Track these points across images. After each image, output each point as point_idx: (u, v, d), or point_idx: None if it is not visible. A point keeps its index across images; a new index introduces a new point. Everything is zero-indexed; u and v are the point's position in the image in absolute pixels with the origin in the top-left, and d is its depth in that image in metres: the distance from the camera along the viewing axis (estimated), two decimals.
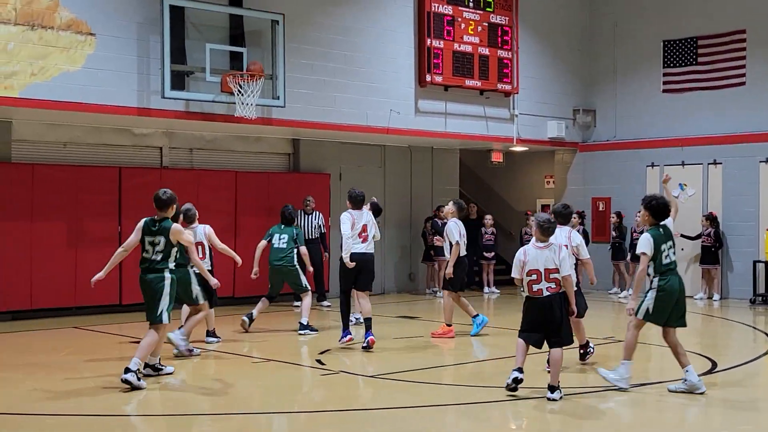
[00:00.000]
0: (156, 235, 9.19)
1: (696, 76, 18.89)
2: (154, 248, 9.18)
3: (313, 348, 11.80)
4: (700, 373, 9.96)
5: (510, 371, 8.75)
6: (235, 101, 14.11)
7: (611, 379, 9.06)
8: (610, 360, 11.18)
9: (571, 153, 20.74)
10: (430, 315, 15.71)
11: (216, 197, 16.06)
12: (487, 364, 10.93)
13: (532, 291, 8.58)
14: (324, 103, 15.88)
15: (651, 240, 8.82)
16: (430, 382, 9.56)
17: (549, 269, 8.53)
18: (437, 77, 17.43)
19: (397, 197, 19.30)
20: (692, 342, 12.35)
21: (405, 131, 17.28)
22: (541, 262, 8.54)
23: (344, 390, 9.38)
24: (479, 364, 10.79)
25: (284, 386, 9.46)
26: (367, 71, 16.56)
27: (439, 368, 10.45)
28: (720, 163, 18.45)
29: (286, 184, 17.13)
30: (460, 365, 10.58)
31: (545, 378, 9.00)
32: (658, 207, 8.98)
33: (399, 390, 9.28)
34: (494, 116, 18.75)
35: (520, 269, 8.61)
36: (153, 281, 9.13)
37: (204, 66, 13.93)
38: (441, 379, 9.93)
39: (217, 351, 11.56)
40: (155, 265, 9.17)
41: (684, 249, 18.62)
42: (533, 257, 8.58)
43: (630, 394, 8.97)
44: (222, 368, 10.59)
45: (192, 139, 16.50)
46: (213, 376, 10.11)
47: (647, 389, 9.24)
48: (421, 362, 10.74)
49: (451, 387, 9.47)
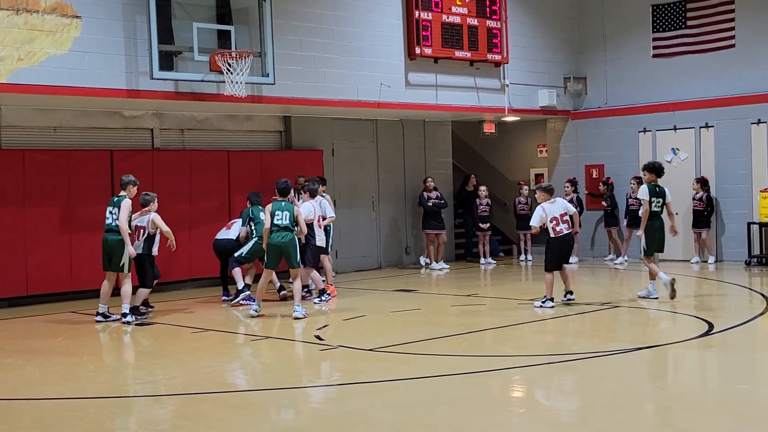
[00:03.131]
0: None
1: (685, 39, 18.84)
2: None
3: (310, 324, 11.82)
4: (697, 335, 10.03)
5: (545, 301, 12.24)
6: (225, 80, 14.04)
7: (646, 293, 12.66)
8: (610, 325, 11.25)
9: (563, 121, 20.71)
10: (427, 287, 15.74)
11: (208, 177, 16.03)
12: (486, 335, 10.97)
13: (556, 232, 12.30)
14: (314, 79, 15.83)
15: (647, 189, 12.64)
16: (427, 353, 9.59)
17: (562, 215, 12.32)
18: (426, 49, 17.36)
19: (390, 171, 19.28)
20: (688, 305, 12.44)
21: (396, 105, 17.25)
22: (556, 211, 12.32)
23: (345, 363, 9.41)
24: (478, 335, 10.83)
25: (284, 362, 9.47)
26: (355, 45, 16.49)
27: (437, 339, 10.48)
28: (712, 126, 18.44)
29: (279, 162, 17.09)
30: (458, 335, 10.61)
31: (542, 346, 8.96)
32: (659, 168, 12.84)
33: (399, 362, 9.30)
34: (485, 87, 18.71)
35: (540, 219, 12.27)
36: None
37: (192, 45, 13.86)
38: (437, 350, 9.95)
39: (212, 329, 11.58)
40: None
41: (678, 213, 18.66)
42: (549, 210, 12.32)
43: (628, 355, 9.02)
44: (216, 346, 10.60)
45: (183, 120, 16.44)
46: (208, 355, 10.13)
47: (645, 352, 9.29)
48: (418, 335, 10.76)
49: (452, 357, 9.50)
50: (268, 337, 10.93)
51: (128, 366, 9.87)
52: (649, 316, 11.85)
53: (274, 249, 12.13)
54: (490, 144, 22.52)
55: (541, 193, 12.60)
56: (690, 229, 18.28)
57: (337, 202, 17.79)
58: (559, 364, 8.82)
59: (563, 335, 10.76)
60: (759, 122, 17.86)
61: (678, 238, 18.58)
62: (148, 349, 10.66)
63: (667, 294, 12.51)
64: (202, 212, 15.96)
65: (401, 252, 19.57)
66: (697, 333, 10.23)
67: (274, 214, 12.19)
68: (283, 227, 12.16)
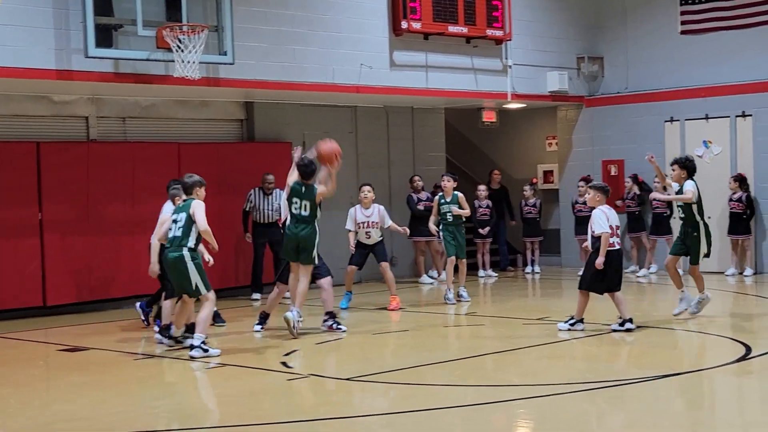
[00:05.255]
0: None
1: (719, 14, 18.90)
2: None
3: (277, 348, 11.73)
4: (733, 360, 10.02)
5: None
6: (175, 59, 13.97)
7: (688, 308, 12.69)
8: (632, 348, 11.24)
9: (576, 109, 20.72)
10: (416, 305, 15.69)
11: (155, 174, 15.87)
12: (486, 360, 10.93)
13: (608, 244, 11.72)
14: (281, 58, 15.77)
15: (695, 186, 12.52)
16: (415, 383, 9.53)
17: (617, 226, 11.94)
18: (415, 24, 17.33)
19: (373, 167, 19.22)
20: (722, 324, 12.44)
21: (379, 89, 17.19)
22: (615, 220, 11.94)
23: (316, 396, 9.35)
24: (476, 360, 10.79)
25: (244, 394, 9.41)
26: (332, 18, 16.44)
27: (427, 366, 10.42)
28: (749, 115, 18.50)
29: (239, 156, 17.03)
30: (452, 361, 10.56)
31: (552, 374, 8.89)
32: (694, 166, 12.78)
33: (381, 394, 9.25)
34: (484, 68, 18.68)
35: (605, 226, 11.74)
36: None
37: (135, 18, 13.79)
38: (427, 379, 9.90)
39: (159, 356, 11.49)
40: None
41: (710, 217, 18.67)
42: (612, 216, 11.90)
43: (653, 383, 8.99)
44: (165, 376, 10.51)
45: (124, 106, 16.35)
46: (155, 386, 10.02)
47: (673, 380, 9.27)
48: (405, 361, 10.70)
49: (445, 387, 9.44)
50: (225, 364, 10.85)
51: (56, 400, 9.75)
52: (678, 338, 11.84)
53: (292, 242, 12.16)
54: (491, 135, 22.52)
55: (597, 194, 12.10)
56: (725, 235, 18.31)
57: None
58: (571, 395, 8.76)
59: (577, 360, 10.74)
60: None
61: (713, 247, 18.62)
62: (84, 379, 10.55)
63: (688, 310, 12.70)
64: (148, 216, 15.81)
65: None
66: (734, 357, 10.22)
67: (292, 201, 12.15)
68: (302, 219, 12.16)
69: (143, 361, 11.30)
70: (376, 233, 14.89)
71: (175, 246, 11.16)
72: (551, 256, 20.88)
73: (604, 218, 11.81)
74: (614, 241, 11.82)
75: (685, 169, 12.69)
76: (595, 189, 12.15)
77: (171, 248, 11.23)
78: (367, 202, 14.92)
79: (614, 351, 11.31)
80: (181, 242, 11.14)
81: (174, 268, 11.21)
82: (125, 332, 13.44)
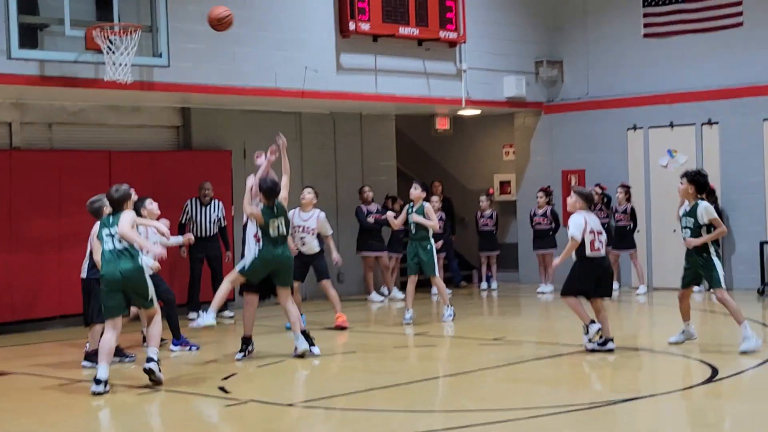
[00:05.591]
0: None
1: (684, 16, 19.08)
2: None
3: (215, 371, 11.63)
4: (699, 383, 10.07)
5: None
6: (105, 61, 13.89)
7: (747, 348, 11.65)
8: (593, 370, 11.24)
9: (535, 116, 20.82)
10: (365, 325, 15.64)
11: (84, 184, 15.67)
12: (439, 383, 10.91)
13: (594, 248, 11.81)
14: (220, 61, 15.71)
15: (710, 206, 11.95)
16: (363, 408, 9.48)
17: (599, 232, 11.94)
18: (363, 25, 17.32)
19: (319, 177, 19.13)
20: (689, 345, 12.48)
21: (325, 94, 17.19)
22: (597, 224, 11.98)
23: (255, 424, 9.25)
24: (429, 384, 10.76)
25: (177, 422, 9.30)
26: (274, 19, 16.41)
27: (376, 390, 10.38)
28: (716, 123, 18.67)
29: (176, 165, 16.95)
30: (403, 385, 10.52)
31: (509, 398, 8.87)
32: (704, 182, 12.10)
33: (326, 420, 9.20)
34: (437, 72, 18.72)
35: (580, 229, 11.76)
36: None
37: (62, 17, 13.67)
38: (375, 404, 9.86)
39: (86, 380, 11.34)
40: None
41: (676, 231, 18.79)
42: (592, 222, 11.90)
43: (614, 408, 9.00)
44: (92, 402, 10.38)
45: (51, 112, 16.23)
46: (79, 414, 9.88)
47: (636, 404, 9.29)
48: (352, 385, 10.66)
49: (395, 413, 9.40)
50: (158, 389, 10.72)
51: None
52: (642, 360, 11.88)
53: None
54: (445, 144, 22.56)
55: (579, 200, 12.12)
56: None
57: None
58: (530, 420, 8.75)
59: (536, 384, 10.73)
60: None
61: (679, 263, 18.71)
62: (7, 406, 10.39)
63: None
64: (76, 230, 15.65)
65: (333, 279, 19.37)
66: (700, 379, 10.27)
67: (269, 226, 11.97)
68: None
69: (70, 387, 11.13)
70: (311, 241, 14.52)
71: (127, 257, 10.74)
72: (508, 271, 20.92)
73: (581, 224, 11.83)
74: (599, 246, 11.89)
75: (693, 184, 12.00)
76: (577, 194, 12.16)
77: (121, 260, 10.73)
78: (305, 204, 14.61)
79: (575, 373, 11.33)
80: (132, 252, 10.78)
81: (130, 279, 10.72)
82: (51, 355, 13.27)
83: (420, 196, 15.14)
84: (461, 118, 21.16)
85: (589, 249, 11.83)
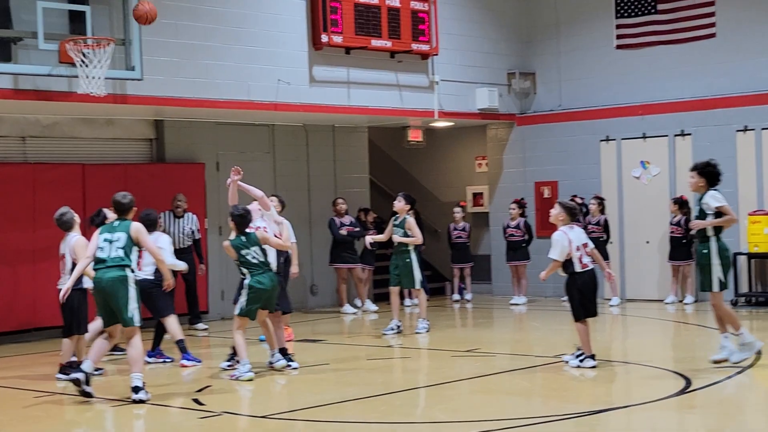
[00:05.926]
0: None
1: (656, 27, 19.22)
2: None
3: (189, 384, 11.62)
4: (672, 394, 10.15)
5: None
6: (78, 74, 13.87)
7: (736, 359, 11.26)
8: (566, 382, 11.31)
9: (507, 127, 20.91)
10: (338, 337, 15.67)
11: (58, 197, 15.65)
12: (412, 395, 10.94)
13: (583, 264, 11.52)
14: (193, 74, 15.72)
15: (718, 194, 11.52)
16: (336, 420, 9.51)
17: (584, 244, 11.64)
18: (336, 37, 17.38)
19: (292, 190, 19.15)
20: (662, 356, 12.59)
21: (297, 106, 17.21)
22: (580, 239, 11.62)
23: None
24: (402, 396, 10.79)
25: None
26: (247, 32, 16.43)
27: (350, 402, 10.41)
28: (689, 134, 18.79)
29: (149, 178, 16.93)
30: (376, 397, 10.56)
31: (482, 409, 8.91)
32: (715, 171, 11.66)
33: None
34: (409, 84, 18.78)
35: (563, 250, 11.41)
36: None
37: (35, 30, 13.64)
38: (349, 416, 9.90)
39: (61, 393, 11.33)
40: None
41: (649, 242, 18.97)
42: (574, 237, 11.53)
43: (587, 419, 9.07)
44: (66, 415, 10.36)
45: (24, 125, 16.20)
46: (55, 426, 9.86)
47: (608, 415, 9.35)
48: (326, 396, 10.69)
49: (368, 425, 9.43)
50: (131, 401, 10.72)
51: None
52: (615, 372, 11.95)
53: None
54: (417, 156, 22.61)
55: (562, 213, 11.73)
56: (666, 261, 18.54)
57: (223, 228, 17.64)
58: None
59: (508, 395, 10.78)
60: (746, 129, 18.26)
61: (652, 274, 18.91)
62: None
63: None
64: (50, 242, 15.62)
65: (305, 292, 19.47)
66: (673, 391, 10.34)
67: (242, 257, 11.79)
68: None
69: (43, 399, 11.10)
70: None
71: (114, 266, 10.66)
72: (481, 283, 20.99)
73: (562, 244, 11.51)
74: (587, 261, 11.62)
75: (704, 176, 11.62)
76: (561, 206, 11.81)
77: (106, 268, 10.66)
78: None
79: (549, 385, 11.36)
80: (122, 262, 10.70)
81: (110, 289, 10.59)
82: (25, 368, 13.22)
83: (404, 209, 15.17)
84: (434, 129, 21.22)
85: (578, 266, 11.58)
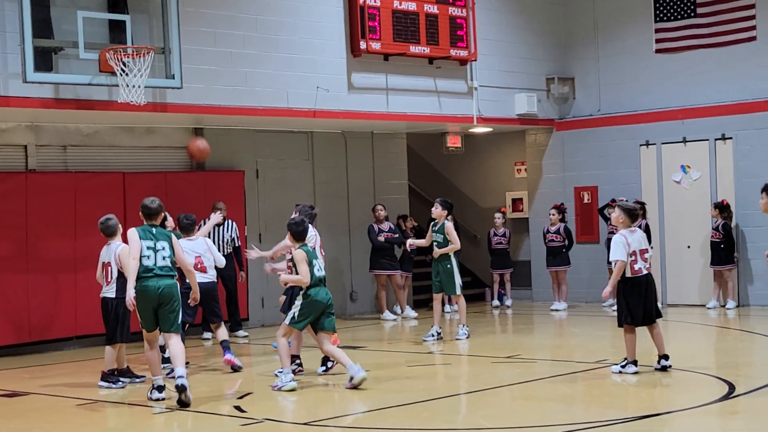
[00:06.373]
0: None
1: (696, 31, 19.15)
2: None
3: (231, 391, 11.68)
4: (715, 400, 10.11)
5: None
6: (119, 83, 13.98)
7: None
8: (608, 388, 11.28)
9: (546, 133, 20.89)
10: (378, 343, 15.69)
11: (99, 205, 15.76)
12: (453, 401, 10.96)
13: (633, 270, 11.35)
14: (232, 82, 15.81)
15: None
16: (379, 427, 9.51)
17: (642, 251, 11.45)
18: (374, 44, 17.44)
19: (331, 197, 19.27)
20: (705, 362, 12.53)
21: (336, 113, 17.27)
22: (637, 244, 11.42)
23: None
24: (443, 402, 10.81)
25: None
26: (285, 39, 16.51)
27: (391, 409, 10.43)
28: (730, 138, 18.72)
29: (189, 186, 17.02)
30: (418, 403, 10.57)
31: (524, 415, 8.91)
32: None
33: None
34: (448, 90, 18.81)
35: (624, 251, 11.28)
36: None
37: (76, 40, 13.77)
38: (391, 422, 9.92)
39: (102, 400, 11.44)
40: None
41: (690, 247, 18.88)
42: (632, 241, 11.35)
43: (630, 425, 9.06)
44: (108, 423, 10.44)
45: (65, 134, 16.32)
46: None
47: (652, 421, 9.35)
48: (367, 403, 10.73)
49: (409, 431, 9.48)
50: (172, 409, 10.81)
51: None
52: (657, 377, 11.91)
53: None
54: (456, 162, 22.63)
55: (622, 215, 11.55)
56: (708, 266, 18.46)
57: (263, 236, 17.78)
58: None
59: (550, 401, 10.76)
60: None
61: (694, 279, 18.83)
62: (24, 427, 10.47)
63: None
64: (91, 251, 15.76)
65: (345, 298, 19.52)
66: (717, 396, 10.31)
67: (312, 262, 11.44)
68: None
69: (86, 407, 11.21)
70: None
71: (164, 275, 10.91)
72: (521, 289, 20.98)
73: (622, 245, 11.35)
74: (641, 266, 11.44)
75: None
76: (621, 209, 11.63)
77: (157, 277, 10.85)
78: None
79: (590, 391, 11.33)
80: (171, 272, 11.01)
81: (168, 296, 10.92)
82: (67, 376, 13.31)
83: (441, 215, 15.21)
84: (473, 135, 21.24)
85: (629, 271, 11.43)
